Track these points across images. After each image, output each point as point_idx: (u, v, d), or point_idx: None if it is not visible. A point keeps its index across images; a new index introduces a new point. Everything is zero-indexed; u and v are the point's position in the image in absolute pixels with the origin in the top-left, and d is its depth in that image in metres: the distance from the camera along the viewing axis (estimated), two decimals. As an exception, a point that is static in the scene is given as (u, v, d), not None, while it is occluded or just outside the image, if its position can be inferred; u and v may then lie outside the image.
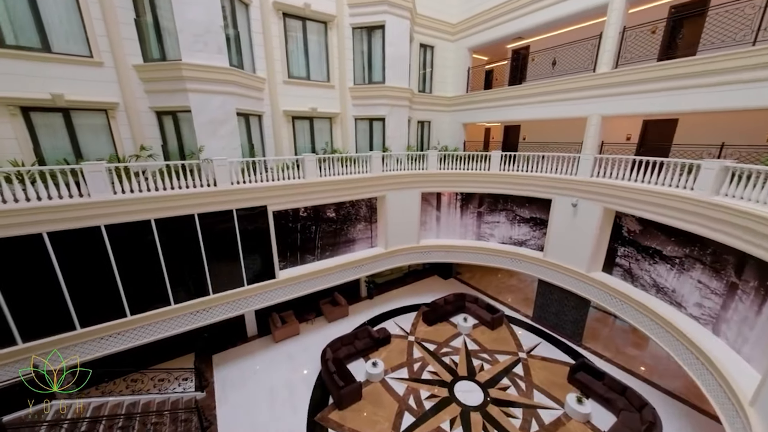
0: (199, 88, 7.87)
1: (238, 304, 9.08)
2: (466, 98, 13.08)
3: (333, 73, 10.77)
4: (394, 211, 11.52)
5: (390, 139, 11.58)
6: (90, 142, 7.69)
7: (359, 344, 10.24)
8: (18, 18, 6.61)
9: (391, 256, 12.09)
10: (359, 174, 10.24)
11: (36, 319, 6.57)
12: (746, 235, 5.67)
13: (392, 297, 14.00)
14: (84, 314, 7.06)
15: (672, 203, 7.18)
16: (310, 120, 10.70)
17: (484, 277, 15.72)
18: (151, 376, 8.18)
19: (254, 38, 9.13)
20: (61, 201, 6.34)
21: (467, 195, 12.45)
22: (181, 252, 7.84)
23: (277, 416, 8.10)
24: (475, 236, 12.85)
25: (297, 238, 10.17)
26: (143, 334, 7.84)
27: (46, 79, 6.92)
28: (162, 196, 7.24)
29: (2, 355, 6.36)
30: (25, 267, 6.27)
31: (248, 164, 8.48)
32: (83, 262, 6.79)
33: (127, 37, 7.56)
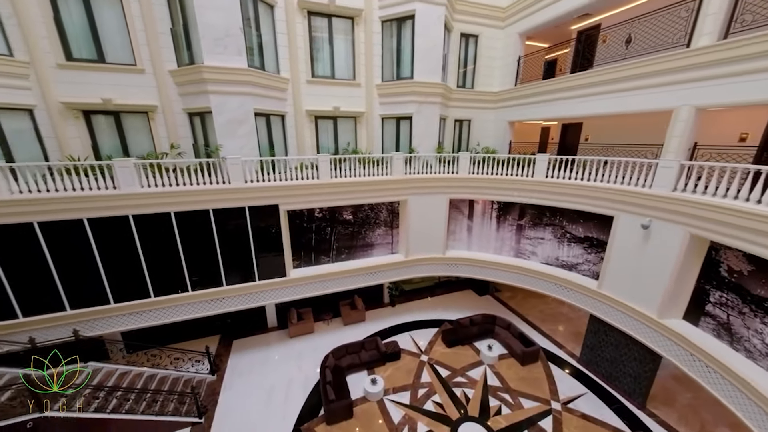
0: (218, 89, 7.96)
1: (249, 297, 9.11)
2: (515, 92, 10.95)
3: (359, 71, 10.03)
4: (417, 217, 10.28)
5: (417, 139, 10.35)
6: (135, 140, 8.45)
7: (365, 355, 9.40)
8: (81, 35, 7.47)
9: (412, 265, 10.89)
10: (378, 176, 9.30)
11: (79, 292, 7.43)
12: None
13: (416, 307, 12.76)
14: (117, 292, 7.77)
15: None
16: (334, 120, 10.17)
17: (527, 299, 13.24)
18: (168, 353, 8.68)
19: (279, 39, 8.95)
20: (99, 192, 6.92)
21: (505, 204, 10.42)
22: (197, 244, 8.11)
23: (267, 416, 7.88)
24: (514, 253, 10.72)
25: (312, 238, 9.79)
26: (165, 314, 8.36)
27: (99, 86, 7.76)
28: (180, 191, 7.50)
29: (54, 319, 7.30)
30: (71, 247, 7.09)
31: (262, 163, 8.29)
32: (115, 246, 7.45)
33: (164, 45, 8.03)
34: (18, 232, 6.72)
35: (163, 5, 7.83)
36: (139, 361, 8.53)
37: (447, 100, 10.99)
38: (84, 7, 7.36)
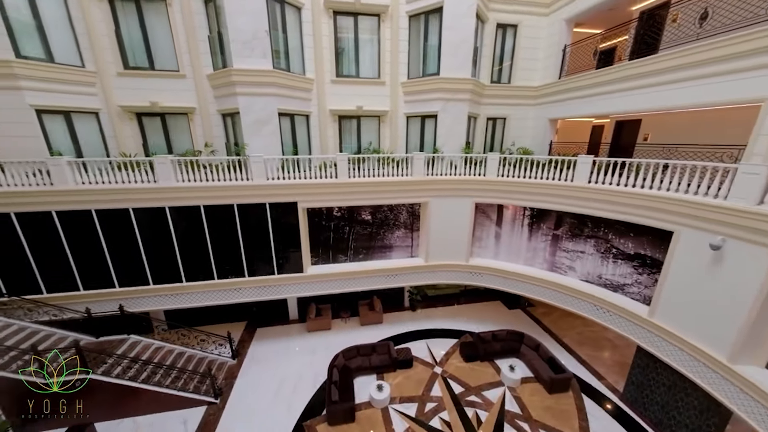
0: (245, 91, 8.30)
1: (268, 290, 9.42)
2: (559, 86, 9.67)
3: (384, 69, 9.73)
4: (439, 220, 9.66)
5: (442, 139, 9.71)
6: (177, 138, 9.25)
7: (375, 359, 9.12)
8: (136, 46, 8.35)
9: (432, 270, 10.29)
10: (397, 176, 8.89)
11: (125, 272, 8.37)
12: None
13: (437, 315, 12.10)
14: (155, 274, 8.58)
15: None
16: (357, 119, 10.03)
17: (564, 318, 11.72)
18: (196, 334, 9.37)
19: (305, 40, 9.06)
20: (142, 185, 7.68)
21: (539, 211, 9.26)
22: (223, 236, 8.60)
23: (275, 407, 8.04)
24: (547, 266, 9.49)
25: (330, 237, 9.78)
26: (194, 298, 9.03)
27: (149, 90, 8.63)
28: (208, 186, 8.01)
29: (105, 294, 8.33)
30: (119, 232, 8.06)
31: (284, 162, 8.47)
32: (154, 234, 8.22)
33: (203, 51, 8.61)
34: (80, 218, 7.73)
35: (202, 14, 8.36)
36: (171, 338, 9.32)
37: (478, 97, 10.12)
38: (138, 20, 8.17)
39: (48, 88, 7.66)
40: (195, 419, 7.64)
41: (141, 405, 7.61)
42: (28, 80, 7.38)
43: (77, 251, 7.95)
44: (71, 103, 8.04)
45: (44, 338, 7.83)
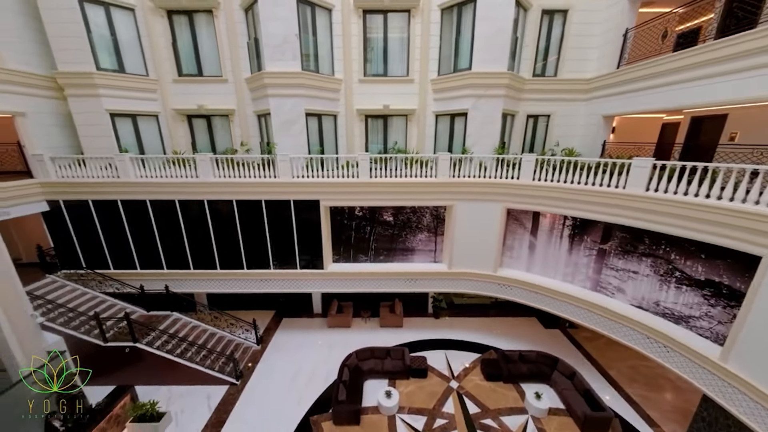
0: (276, 92, 8.69)
1: (291, 283, 9.80)
2: (619, 76, 8.28)
3: (413, 66, 9.39)
4: (465, 225, 9.03)
5: (472, 138, 9.03)
6: (219, 138, 10.10)
7: (389, 364, 8.88)
8: (188, 55, 9.30)
9: (455, 278, 9.68)
10: (419, 178, 8.52)
11: (171, 256, 9.40)
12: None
13: (461, 325, 11.38)
14: (195, 260, 9.49)
15: None
16: (384, 118, 9.85)
17: (612, 346, 10.11)
18: (226, 318, 10.14)
19: (335, 41, 9.15)
20: (186, 180, 8.55)
21: (583, 222, 8.05)
22: (251, 230, 9.16)
23: (287, 397, 8.33)
24: (590, 284, 8.23)
25: (351, 236, 9.79)
26: (226, 285, 9.80)
27: (197, 95, 9.54)
28: (240, 182, 8.59)
29: (156, 274, 9.47)
30: (168, 221, 9.07)
31: (308, 161, 8.68)
32: (195, 224, 9.08)
33: (242, 57, 9.25)
34: (138, 206, 8.86)
35: (243, 23, 8.95)
36: (206, 319, 10.20)
37: (516, 93, 9.17)
38: (191, 32, 9.06)
39: (120, 95, 8.90)
40: (217, 396, 8.23)
41: (175, 376, 8.46)
42: (105, 89, 8.64)
43: (135, 235, 9.13)
44: (137, 108, 9.24)
45: (108, 307, 9.16)
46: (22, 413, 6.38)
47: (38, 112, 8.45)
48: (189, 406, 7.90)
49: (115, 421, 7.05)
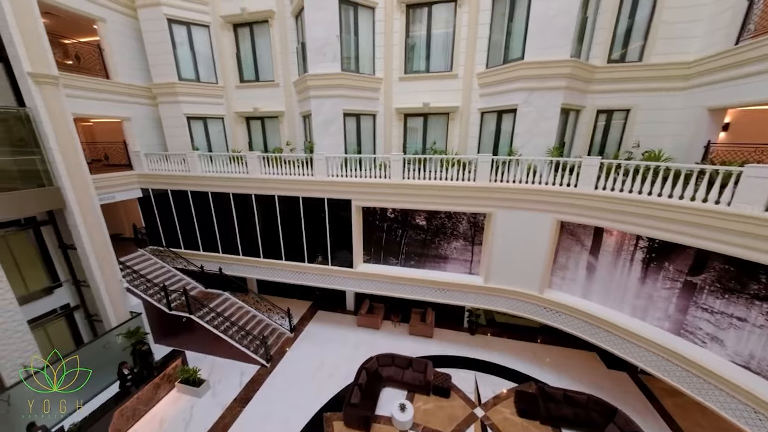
0: (317, 94, 9.00)
1: (323, 278, 10.11)
2: (739, 53, 6.18)
3: (457, 60, 8.68)
4: (506, 236, 8.02)
5: (521, 138, 7.93)
6: (271, 137, 10.98)
7: (409, 375, 8.48)
8: (248, 63, 10.28)
9: (492, 293, 8.70)
10: (455, 181, 7.86)
11: (226, 242, 10.60)
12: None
13: (500, 346, 10.23)
14: (244, 248, 10.54)
15: None
16: (424, 117, 9.38)
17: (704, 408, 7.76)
18: (265, 303, 11.01)
19: (376, 39, 9.05)
20: (239, 175, 9.52)
21: (665, 245, 6.33)
22: (290, 224, 9.73)
23: (307, 387, 8.58)
24: (671, 325, 6.45)
25: (382, 237, 9.62)
26: (268, 273, 10.64)
27: (254, 99, 10.56)
28: (281, 179, 9.19)
29: (213, 257, 10.79)
30: (224, 211, 10.20)
31: (344, 160, 8.79)
32: (244, 215, 10.05)
33: (292, 62, 9.88)
34: (202, 197, 10.19)
35: (293, 29, 9.47)
36: (249, 301, 11.21)
37: (582, 84, 7.69)
38: (251, 42, 10.00)
39: (194, 101, 10.33)
40: (249, 374, 8.97)
41: (218, 349, 9.51)
42: (184, 96, 10.12)
43: (200, 222, 10.54)
44: (207, 111, 10.61)
45: (177, 281, 10.77)
46: (110, 356, 7.94)
47: (138, 117, 10.35)
48: (225, 378, 8.76)
49: (167, 379, 8.20)
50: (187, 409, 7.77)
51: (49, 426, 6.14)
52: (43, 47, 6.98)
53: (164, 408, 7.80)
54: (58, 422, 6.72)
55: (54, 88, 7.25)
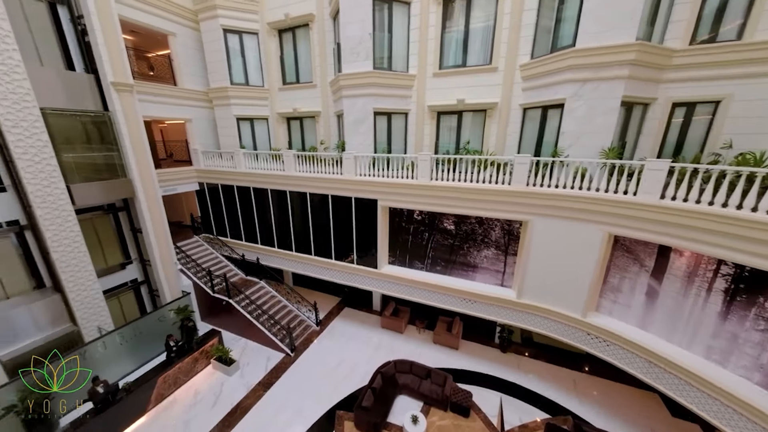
0: (349, 93, 9.07)
1: (348, 276, 10.23)
2: None
3: (498, 51, 7.96)
4: (545, 248, 7.15)
5: (569, 137, 6.95)
6: (308, 137, 11.51)
7: (426, 386, 8.12)
8: (290, 67, 10.84)
9: (526, 311, 7.86)
10: (487, 184, 7.24)
11: (264, 235, 11.37)
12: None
13: (535, 369, 9.23)
14: (279, 241, 11.19)
15: None
16: (458, 115, 8.82)
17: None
18: (295, 295, 11.53)
19: (411, 35, 8.76)
20: (276, 172, 10.13)
21: (759, 275, 4.96)
22: (320, 221, 10.01)
23: (323, 382, 8.71)
24: (763, 379, 5.06)
25: (408, 240, 9.35)
26: (299, 266, 11.14)
27: (294, 100, 11.05)
28: (311, 177, 9.50)
29: (253, 247, 11.67)
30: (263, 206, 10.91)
31: (372, 160, 8.74)
32: (281, 210, 10.65)
33: (330, 63, 10.14)
34: (246, 191, 11.06)
35: (331, 31, 9.68)
36: (281, 291, 11.86)
37: (653, 71, 6.41)
38: (293, 46, 10.51)
39: (243, 103, 11.22)
40: (274, 360, 9.48)
41: (250, 333, 10.27)
42: (235, 99, 11.07)
43: (243, 214, 11.46)
44: (254, 113, 11.45)
45: (222, 266, 11.87)
46: (163, 328, 9.14)
47: (198, 118, 11.61)
48: (253, 361, 9.38)
49: (204, 354, 9.07)
50: (218, 385, 8.47)
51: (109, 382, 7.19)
52: (122, 60, 8.17)
53: (200, 380, 8.62)
54: (117, 380, 7.81)
55: (129, 95, 8.45)
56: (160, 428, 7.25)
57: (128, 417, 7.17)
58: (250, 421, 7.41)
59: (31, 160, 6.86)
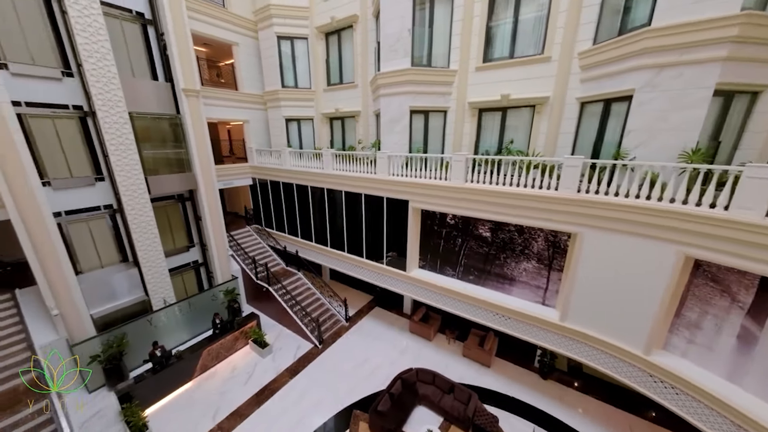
0: (386, 92, 9.01)
1: (377, 276, 10.21)
2: None
3: (552, 38, 7.05)
4: (598, 266, 6.14)
5: (637, 135, 5.82)
6: (348, 136, 11.75)
7: (447, 402, 7.68)
8: (334, 68, 11.20)
9: (570, 337, 6.88)
10: (530, 189, 6.48)
11: (304, 229, 12.00)
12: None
13: (581, 405, 8.04)
14: (316, 235, 11.72)
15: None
16: (502, 111, 8.09)
17: None
18: (328, 289, 11.92)
19: (454, 27, 8.30)
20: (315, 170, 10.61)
21: None
22: (353, 220, 10.16)
23: (344, 379, 8.79)
24: None
25: (440, 244, 8.95)
26: (333, 262, 11.50)
27: (336, 101, 11.39)
28: (345, 175, 9.68)
29: (293, 239, 12.44)
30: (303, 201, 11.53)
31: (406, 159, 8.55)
32: (318, 207, 11.11)
33: (371, 62, 10.18)
34: (289, 188, 11.81)
35: (374, 30, 9.70)
36: (316, 284, 12.36)
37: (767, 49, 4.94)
38: (338, 49, 10.83)
39: (292, 105, 11.97)
40: (303, 349, 9.95)
41: (285, 320, 10.93)
42: (284, 101, 11.87)
43: (287, 209, 12.25)
44: (301, 114, 12.14)
45: (266, 256, 12.87)
46: (213, 306, 10.28)
47: (254, 119, 12.73)
48: (285, 347, 9.96)
49: (243, 335, 9.92)
50: (251, 365, 9.18)
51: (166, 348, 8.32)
52: (192, 69, 9.33)
53: (237, 358, 9.46)
54: (171, 348, 9.00)
55: (196, 99, 9.61)
56: (201, 394, 8.12)
57: (177, 380, 8.18)
58: (275, 403, 7.84)
59: (121, 155, 8.22)
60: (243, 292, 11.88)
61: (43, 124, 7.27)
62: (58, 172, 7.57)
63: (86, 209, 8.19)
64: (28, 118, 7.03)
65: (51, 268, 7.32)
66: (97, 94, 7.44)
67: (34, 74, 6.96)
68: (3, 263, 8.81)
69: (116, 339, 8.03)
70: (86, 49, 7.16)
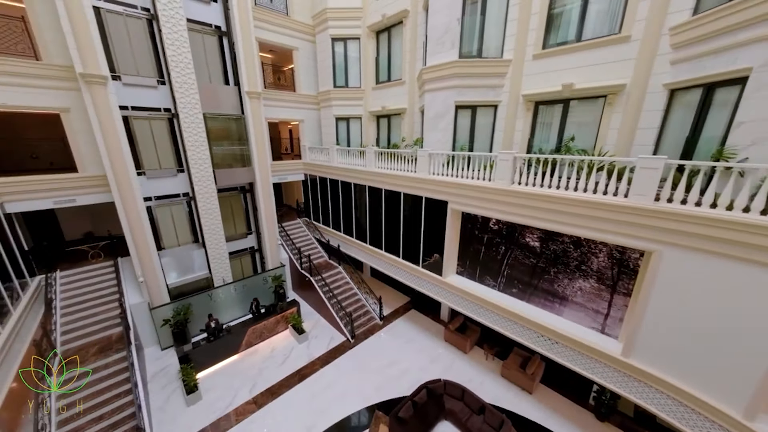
0: (431, 87, 8.68)
1: (413, 279, 9.96)
2: None
3: (634, 12, 5.87)
4: (680, 294, 4.90)
5: (751, 129, 4.44)
6: (394, 134, 11.69)
7: (476, 423, 7.10)
8: (383, 66, 11.24)
9: (633, 375, 5.70)
10: (591, 194, 5.47)
11: (346, 223, 12.39)
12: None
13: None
14: (356, 232, 11.99)
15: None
16: (563, 104, 7.08)
17: None
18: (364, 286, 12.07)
19: (510, 12, 7.55)
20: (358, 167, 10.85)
21: None
22: (391, 219, 10.05)
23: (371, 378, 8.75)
24: None
25: (480, 251, 8.31)
26: (371, 259, 11.59)
27: (383, 98, 11.41)
28: (386, 174, 9.63)
29: (335, 234, 12.95)
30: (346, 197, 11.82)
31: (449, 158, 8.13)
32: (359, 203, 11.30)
33: (418, 58, 9.92)
34: (335, 184, 12.29)
35: (422, 25, 9.42)
36: (355, 279, 12.61)
37: None
38: (387, 44, 10.84)
39: (342, 104, 12.40)
40: (336, 341, 10.25)
41: (323, 310, 11.43)
42: (336, 100, 12.36)
43: (332, 204, 12.77)
44: (350, 112, 12.49)
45: (311, 248, 13.63)
46: (263, 289, 11.29)
47: (308, 119, 13.56)
48: (320, 336, 10.40)
49: (283, 319, 10.65)
50: (288, 348, 9.80)
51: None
52: (255, 73, 10.31)
53: (277, 340, 10.19)
54: (224, 323, 10.12)
55: (257, 101, 10.60)
56: (243, 368, 8.98)
57: (226, 352, 9.19)
58: (303, 388, 8.21)
59: (195, 150, 9.52)
60: (289, 279, 12.74)
61: (142, 125, 8.81)
62: (151, 164, 9.09)
63: (169, 196, 9.67)
64: (132, 119, 8.57)
65: (140, 243, 8.86)
66: (180, 98, 8.70)
67: (138, 83, 8.46)
68: (111, 236, 10.98)
69: (183, 307, 9.35)
70: (174, 60, 8.43)
